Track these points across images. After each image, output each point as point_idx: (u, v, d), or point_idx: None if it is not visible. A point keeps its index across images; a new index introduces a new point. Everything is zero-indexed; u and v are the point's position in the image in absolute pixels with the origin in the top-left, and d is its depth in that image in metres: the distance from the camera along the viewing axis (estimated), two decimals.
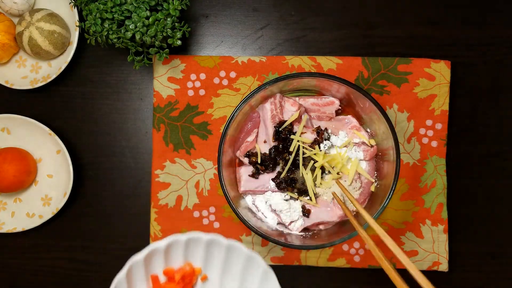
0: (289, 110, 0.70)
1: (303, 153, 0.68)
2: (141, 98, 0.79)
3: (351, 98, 0.69)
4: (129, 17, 0.67)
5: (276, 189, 0.70)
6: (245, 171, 0.71)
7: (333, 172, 0.69)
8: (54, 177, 0.79)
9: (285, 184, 0.69)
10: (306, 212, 0.69)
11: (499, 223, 0.76)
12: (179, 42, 0.69)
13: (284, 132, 0.69)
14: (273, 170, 0.70)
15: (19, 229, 0.77)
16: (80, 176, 0.79)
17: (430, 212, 0.75)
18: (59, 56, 0.78)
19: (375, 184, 0.70)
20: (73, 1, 0.70)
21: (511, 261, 0.76)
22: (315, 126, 0.71)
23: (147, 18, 0.66)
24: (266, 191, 0.71)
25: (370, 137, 0.70)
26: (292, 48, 0.77)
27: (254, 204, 0.71)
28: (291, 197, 0.70)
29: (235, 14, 0.78)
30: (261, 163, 0.70)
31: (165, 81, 0.76)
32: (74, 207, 0.79)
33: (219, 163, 0.66)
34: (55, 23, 0.74)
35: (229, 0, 0.78)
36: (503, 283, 0.76)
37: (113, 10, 0.66)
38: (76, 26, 0.74)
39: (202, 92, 0.76)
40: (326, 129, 0.71)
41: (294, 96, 0.72)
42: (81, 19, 0.72)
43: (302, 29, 0.77)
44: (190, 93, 0.76)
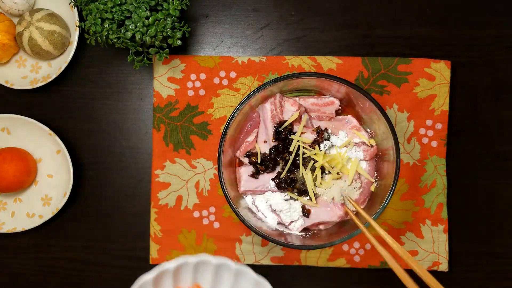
0: (289, 110, 0.70)
1: (303, 153, 0.68)
2: (141, 98, 0.79)
3: (351, 98, 0.69)
4: (129, 17, 0.67)
5: (276, 189, 0.70)
6: (245, 171, 0.71)
7: (333, 172, 0.69)
8: (54, 177, 0.79)
9: (285, 184, 0.69)
10: (306, 212, 0.69)
11: (499, 223, 0.76)
12: (179, 42, 0.69)
13: (284, 132, 0.69)
14: (273, 170, 0.70)
15: (19, 229, 0.77)
16: (80, 176, 0.79)
17: (430, 212, 0.75)
18: (59, 56, 0.77)
19: (375, 184, 0.70)
20: (73, 1, 0.70)
21: (511, 261, 0.76)
22: (315, 126, 0.71)
23: (147, 18, 0.66)
24: (266, 191, 0.71)
25: (370, 137, 0.70)
26: (292, 48, 0.77)
27: (254, 204, 0.71)
28: (291, 197, 0.70)
29: (235, 14, 0.78)
30: (261, 163, 0.70)
31: (165, 81, 0.76)
32: (74, 207, 0.79)
33: (219, 163, 0.66)
34: (55, 23, 0.74)
35: (229, 0, 0.78)
36: (503, 283, 0.76)
37: (113, 10, 0.66)
38: (76, 26, 0.74)
39: (202, 92, 0.76)
40: (326, 129, 0.71)
41: (294, 96, 0.72)
42: (81, 19, 0.72)
43: (302, 29, 0.77)
44: (190, 93, 0.76)
